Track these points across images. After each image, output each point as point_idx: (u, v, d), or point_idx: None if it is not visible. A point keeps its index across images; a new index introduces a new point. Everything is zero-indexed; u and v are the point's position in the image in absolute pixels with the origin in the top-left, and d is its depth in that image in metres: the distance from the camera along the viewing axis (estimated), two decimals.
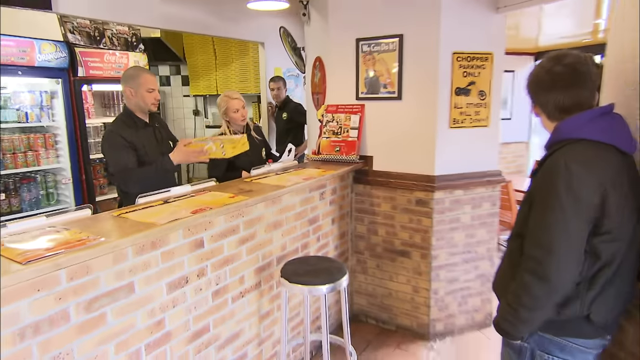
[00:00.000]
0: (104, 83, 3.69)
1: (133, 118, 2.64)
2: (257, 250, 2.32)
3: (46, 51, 3.23)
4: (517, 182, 4.80)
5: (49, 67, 3.32)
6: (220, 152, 2.57)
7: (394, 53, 2.92)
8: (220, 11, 4.17)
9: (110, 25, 3.70)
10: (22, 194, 3.37)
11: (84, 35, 3.50)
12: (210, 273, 2.03)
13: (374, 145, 3.14)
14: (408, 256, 3.11)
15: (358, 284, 3.38)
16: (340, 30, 3.13)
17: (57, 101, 3.45)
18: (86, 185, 3.57)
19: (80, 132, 3.53)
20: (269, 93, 5.00)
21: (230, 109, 3.11)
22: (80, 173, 3.54)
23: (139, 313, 1.71)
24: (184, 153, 2.56)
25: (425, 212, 2.97)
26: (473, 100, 2.94)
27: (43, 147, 3.44)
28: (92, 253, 1.43)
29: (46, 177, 3.53)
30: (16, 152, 3.28)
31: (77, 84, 3.51)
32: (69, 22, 3.45)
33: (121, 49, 3.81)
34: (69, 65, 3.44)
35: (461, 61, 2.85)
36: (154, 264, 1.75)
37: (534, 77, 1.44)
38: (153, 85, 2.63)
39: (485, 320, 3.29)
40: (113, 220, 1.76)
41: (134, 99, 2.61)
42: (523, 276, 1.34)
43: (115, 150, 2.53)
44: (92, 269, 1.52)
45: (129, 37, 3.88)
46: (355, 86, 3.12)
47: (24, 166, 3.33)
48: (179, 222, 1.71)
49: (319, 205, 2.84)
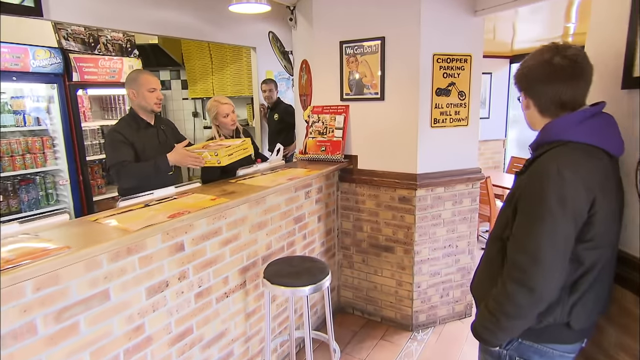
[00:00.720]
0: (99, 87, 3.48)
1: (136, 119, 2.48)
2: (241, 251, 2.14)
3: (40, 57, 3.02)
4: (495, 177, 4.65)
5: (44, 72, 3.10)
6: (215, 160, 2.32)
7: (377, 55, 2.73)
8: (212, 18, 3.96)
9: (105, 32, 3.48)
10: (20, 195, 3.17)
11: (78, 42, 3.28)
12: (192, 276, 1.85)
13: (359, 144, 2.96)
14: (392, 251, 2.95)
15: (345, 278, 3.22)
16: (324, 34, 2.93)
17: (54, 105, 3.24)
18: (83, 185, 3.38)
19: (76, 134, 3.33)
20: (261, 95, 4.80)
21: (220, 113, 2.92)
22: (78, 174, 3.35)
23: (116, 320, 1.53)
24: (180, 155, 2.34)
25: (408, 209, 2.80)
26: (453, 101, 2.76)
27: (41, 150, 3.23)
28: (58, 263, 1.25)
29: (45, 179, 3.33)
30: (14, 155, 3.08)
31: (72, 89, 3.29)
32: (63, 29, 3.23)
33: (116, 55, 3.60)
34: (64, 71, 3.23)
35: (441, 62, 2.67)
36: (130, 269, 1.57)
37: (529, 69, 1.22)
38: (154, 85, 2.46)
39: (466, 311, 3.14)
40: (89, 226, 1.58)
41: (136, 100, 2.44)
42: (506, 284, 1.16)
43: (112, 146, 2.37)
44: (62, 279, 1.34)
45: (123, 43, 3.66)
46: (339, 87, 2.93)
47: (22, 168, 3.13)
48: (154, 227, 1.53)
49: (305, 204, 2.66)
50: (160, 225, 1.56)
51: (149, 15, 3.44)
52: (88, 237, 1.46)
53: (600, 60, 1.36)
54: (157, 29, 3.57)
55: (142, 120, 2.49)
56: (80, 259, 1.32)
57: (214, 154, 2.31)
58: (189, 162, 2.34)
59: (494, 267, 1.27)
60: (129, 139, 2.39)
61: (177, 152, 2.34)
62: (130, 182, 2.35)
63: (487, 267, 1.34)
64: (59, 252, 1.29)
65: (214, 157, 2.31)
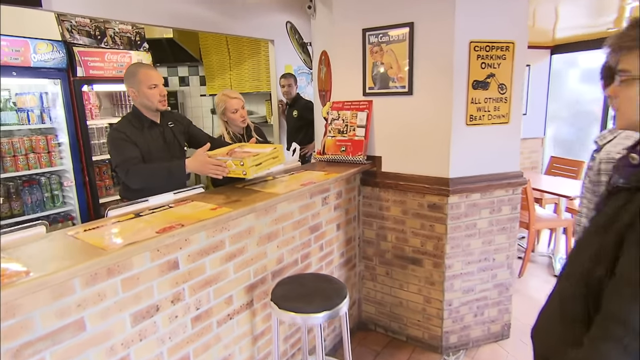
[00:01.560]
0: (105, 83, 3.31)
1: (139, 118, 2.24)
2: (247, 266, 1.89)
3: (42, 51, 2.86)
4: (533, 180, 4.23)
5: (46, 67, 2.94)
6: (240, 171, 1.93)
7: (404, 43, 2.42)
8: (227, 9, 3.73)
9: (112, 24, 3.31)
10: (23, 197, 3.03)
11: (83, 34, 3.11)
12: (188, 297, 1.61)
13: (383, 144, 2.66)
14: (420, 264, 2.64)
15: (366, 291, 2.93)
16: (345, 21, 2.64)
17: (58, 102, 3.08)
18: (90, 186, 3.22)
19: (82, 133, 3.16)
20: (280, 90, 4.55)
21: (229, 109, 2.68)
22: (83, 175, 3.19)
23: (93, 353, 1.30)
24: (200, 163, 1.97)
25: (439, 217, 2.49)
26: (492, 95, 2.42)
27: (45, 149, 3.08)
28: (12, 293, 1.03)
29: (50, 179, 3.19)
30: (17, 154, 2.94)
31: (76, 85, 3.13)
32: (67, 20, 3.06)
33: (124, 48, 3.42)
34: (68, 66, 3.06)
35: (479, 51, 2.33)
36: (111, 294, 1.34)
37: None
38: (155, 81, 2.19)
39: (503, 332, 2.79)
40: (63, 242, 1.36)
41: (138, 99, 2.20)
42: (599, 344, 0.80)
43: (115, 145, 2.13)
44: (22, 309, 1.12)
45: (132, 36, 3.47)
46: (362, 81, 2.64)
47: (25, 169, 2.99)
48: (137, 245, 1.29)
49: (322, 211, 2.39)
50: (145, 242, 1.32)
51: (160, 5, 3.23)
52: (58, 256, 1.23)
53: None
54: (169, 20, 3.37)
55: (145, 119, 2.25)
56: (42, 286, 1.09)
57: (240, 163, 1.93)
58: (210, 171, 1.94)
59: (574, 318, 0.92)
60: (132, 139, 2.16)
61: (197, 160, 1.98)
62: (139, 182, 2.12)
63: (561, 315, 0.98)
64: (17, 277, 1.06)
65: (240, 166, 1.93)
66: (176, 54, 5.72)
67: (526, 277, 3.74)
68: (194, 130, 2.53)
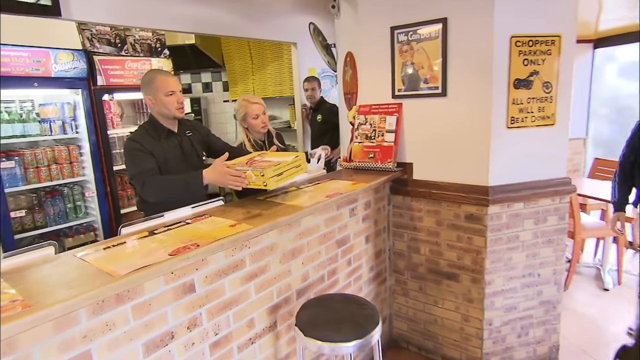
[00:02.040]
0: (125, 91, 3.27)
1: (156, 127, 2.14)
2: (270, 286, 1.75)
3: (62, 61, 2.84)
4: (576, 184, 3.91)
5: (67, 77, 2.92)
6: (260, 182, 1.80)
7: (437, 41, 2.24)
8: (248, 12, 3.64)
9: (133, 31, 3.27)
10: (46, 208, 3.02)
11: (103, 43, 3.08)
12: (206, 322, 1.49)
13: (414, 150, 2.48)
14: (456, 279, 2.44)
15: (398, 307, 2.74)
16: (372, 19, 2.48)
17: (79, 112, 3.06)
18: (111, 197, 3.18)
19: (102, 142, 3.13)
20: (303, 94, 4.43)
21: (249, 114, 2.56)
22: (105, 185, 3.16)
23: None
24: (219, 173, 1.85)
25: (478, 229, 2.28)
26: (536, 94, 2.20)
27: (67, 160, 3.06)
28: (10, 329, 0.92)
29: (73, 190, 3.17)
30: (39, 165, 2.93)
31: (97, 94, 3.10)
32: (88, 29, 3.04)
33: (144, 55, 3.37)
34: (88, 75, 3.03)
35: (521, 46, 2.12)
36: (121, 322, 1.23)
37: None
38: (172, 88, 2.09)
39: (550, 354, 2.54)
40: (70, 265, 1.25)
41: (156, 107, 2.11)
42: None
43: (131, 156, 2.03)
44: (20, 345, 1.02)
45: (152, 43, 3.43)
46: (390, 83, 2.47)
47: (47, 180, 2.97)
48: (148, 270, 1.17)
49: (349, 223, 2.23)
50: (156, 267, 1.20)
51: (180, 11, 3.17)
52: (63, 283, 1.12)
53: None
54: (190, 26, 3.31)
55: (162, 128, 2.15)
56: (42, 320, 0.98)
57: (260, 174, 1.80)
58: (229, 182, 1.83)
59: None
60: (148, 149, 2.07)
61: (215, 170, 1.86)
62: (155, 195, 2.00)
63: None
64: (14, 310, 0.96)
65: (260, 177, 1.79)
66: (199, 60, 5.71)
67: (572, 291, 3.45)
68: (212, 139, 2.43)
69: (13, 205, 2.85)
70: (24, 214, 2.85)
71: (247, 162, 1.94)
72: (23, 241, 2.96)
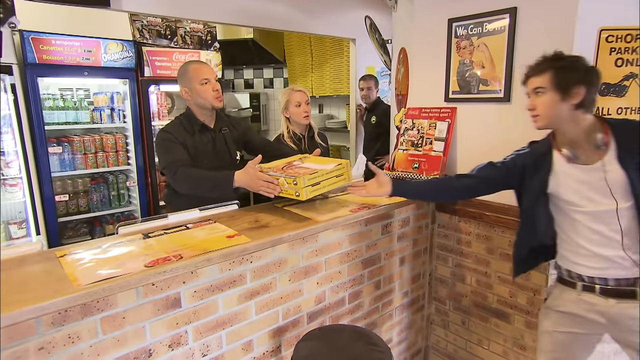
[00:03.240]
0: (172, 83, 3.28)
1: (191, 120, 2.06)
2: (275, 306, 1.56)
3: (112, 51, 2.91)
4: None
5: (116, 67, 2.99)
6: (292, 191, 1.63)
7: (502, 36, 1.89)
8: (303, 4, 3.48)
9: (184, 23, 3.28)
10: (90, 194, 3.13)
11: (154, 34, 3.12)
12: (192, 341, 1.34)
13: (467, 163, 2.13)
14: (507, 319, 2.06)
15: (436, 340, 2.42)
16: (428, 10, 2.19)
17: (127, 102, 3.14)
18: (151, 187, 3.22)
19: (146, 134, 3.17)
20: (359, 93, 4.18)
21: (292, 102, 2.41)
22: (146, 175, 3.20)
23: None
24: (250, 177, 1.74)
25: None
26: (631, 103, 1.76)
27: (113, 149, 3.16)
28: None
29: (118, 178, 3.26)
30: (87, 152, 3.04)
31: (144, 85, 3.14)
32: (139, 20, 3.09)
33: (194, 48, 3.37)
34: (136, 65, 3.08)
35: (614, 42, 1.70)
36: (87, 335, 1.11)
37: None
38: (206, 75, 1.99)
39: None
40: (43, 266, 1.17)
41: (192, 99, 2.02)
42: None
43: (163, 146, 1.97)
44: None
45: (203, 35, 3.41)
46: (444, 83, 2.16)
47: (93, 167, 3.08)
48: (112, 282, 1.04)
49: (381, 241, 1.97)
50: (124, 279, 1.06)
51: (232, 3, 3.10)
52: (26, 287, 1.03)
53: None
54: (241, 18, 3.23)
55: (197, 121, 2.06)
56: None
57: (292, 182, 1.62)
58: (260, 188, 1.71)
59: None
60: (180, 140, 1.98)
61: (248, 173, 1.75)
62: (186, 187, 1.92)
63: None
64: None
65: (292, 186, 1.62)
66: (261, 56, 5.70)
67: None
68: (251, 135, 2.29)
69: (60, 189, 2.99)
70: (67, 198, 2.98)
71: (283, 167, 1.76)
72: (69, 224, 3.10)
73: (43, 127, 2.77)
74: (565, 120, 1.37)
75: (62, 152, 2.92)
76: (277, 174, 1.67)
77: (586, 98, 1.33)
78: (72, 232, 3.21)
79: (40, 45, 2.69)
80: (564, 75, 1.32)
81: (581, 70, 1.33)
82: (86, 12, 2.53)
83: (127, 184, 3.27)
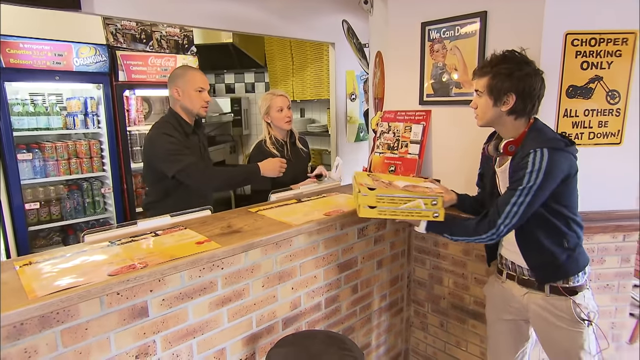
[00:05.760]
0: (148, 88, 3.24)
1: (181, 122, 2.09)
2: (248, 313, 1.54)
3: (84, 55, 2.85)
4: None
5: (89, 71, 2.93)
6: (430, 212, 1.52)
7: (474, 39, 1.91)
8: (280, 8, 3.47)
9: (159, 27, 3.24)
10: (63, 202, 3.05)
11: (128, 38, 3.07)
12: (160, 351, 1.31)
13: (442, 165, 2.16)
14: (483, 320, 2.07)
15: (415, 342, 2.42)
16: (402, 14, 2.21)
17: (101, 107, 3.07)
18: (127, 194, 3.16)
19: (121, 139, 3.11)
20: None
21: (274, 107, 2.40)
22: (121, 182, 3.14)
23: None
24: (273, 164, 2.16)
25: None
26: (597, 105, 1.80)
27: (87, 155, 3.08)
28: None
29: (92, 185, 3.18)
30: (59, 159, 2.96)
31: (118, 89, 3.09)
32: (113, 24, 3.03)
33: (170, 52, 3.32)
34: (110, 70, 3.02)
35: (579, 46, 1.74)
36: (46, 349, 1.07)
37: None
38: (203, 85, 2.09)
39: None
40: (2, 276, 1.12)
41: (180, 100, 2.06)
42: None
43: (172, 150, 1.95)
44: None
45: (179, 39, 3.38)
46: (419, 87, 2.17)
47: (66, 173, 3.00)
48: (71, 293, 1.01)
49: (357, 245, 1.96)
50: (85, 289, 1.03)
51: (209, 7, 3.07)
52: None
53: None
54: (219, 23, 3.20)
55: (187, 124, 2.11)
56: None
57: (431, 203, 1.48)
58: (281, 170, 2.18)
59: None
60: (182, 142, 2.03)
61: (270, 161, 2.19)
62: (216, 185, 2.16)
63: None
64: None
65: (431, 206, 1.49)
66: (242, 60, 5.68)
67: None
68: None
69: (31, 197, 2.91)
70: (38, 206, 2.89)
71: (404, 187, 1.60)
72: (40, 233, 3.01)
73: (11, 133, 2.69)
74: (497, 123, 1.46)
75: (33, 159, 2.84)
76: (411, 195, 1.49)
77: (517, 105, 1.38)
78: (45, 241, 3.11)
79: (7, 48, 2.62)
80: (498, 82, 1.38)
81: (515, 78, 1.36)
82: (58, 15, 2.46)
83: (102, 191, 3.19)
